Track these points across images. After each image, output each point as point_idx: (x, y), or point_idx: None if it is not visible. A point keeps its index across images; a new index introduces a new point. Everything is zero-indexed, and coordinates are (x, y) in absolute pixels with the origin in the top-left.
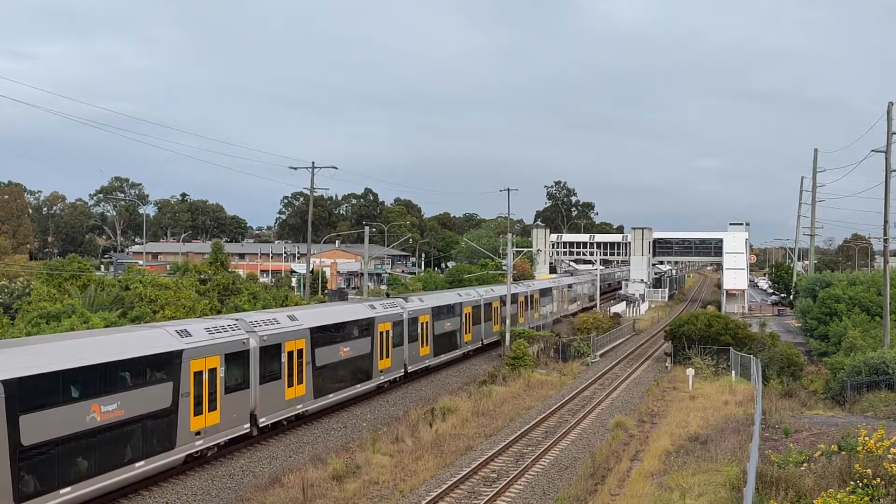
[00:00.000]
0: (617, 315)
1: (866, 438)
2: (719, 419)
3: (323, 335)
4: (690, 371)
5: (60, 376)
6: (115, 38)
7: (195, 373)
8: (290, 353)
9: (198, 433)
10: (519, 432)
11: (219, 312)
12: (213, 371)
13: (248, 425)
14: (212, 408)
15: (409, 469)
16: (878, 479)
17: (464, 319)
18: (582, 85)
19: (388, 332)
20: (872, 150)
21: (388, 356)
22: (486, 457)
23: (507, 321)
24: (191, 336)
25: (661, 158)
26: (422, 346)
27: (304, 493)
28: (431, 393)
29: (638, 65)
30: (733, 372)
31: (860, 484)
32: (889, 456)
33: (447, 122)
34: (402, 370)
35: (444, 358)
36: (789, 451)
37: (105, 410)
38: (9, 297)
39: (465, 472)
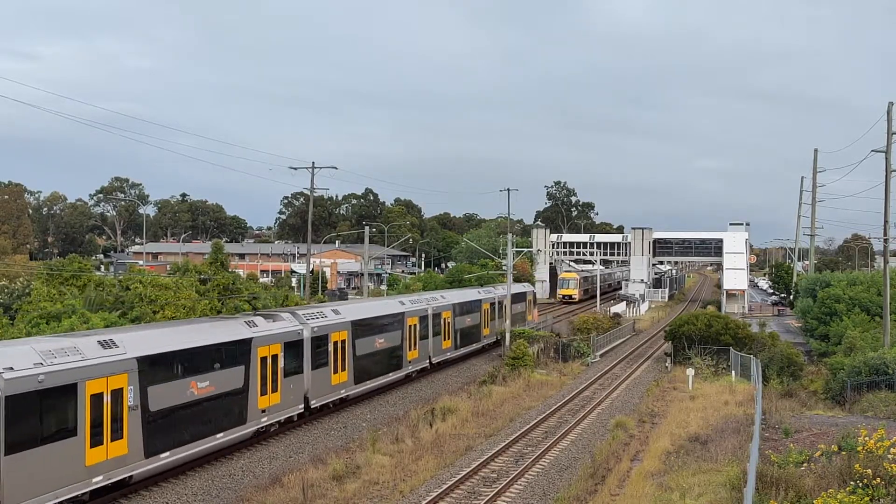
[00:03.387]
0: (617, 315)
1: (866, 438)
2: (719, 419)
3: (362, 328)
4: (690, 371)
5: (172, 356)
6: (116, 38)
7: (261, 358)
8: (336, 343)
9: (263, 411)
10: (519, 432)
11: (219, 313)
12: (275, 357)
13: (303, 406)
14: (274, 389)
15: (409, 469)
16: (879, 479)
17: (482, 315)
18: (583, 85)
19: (415, 325)
20: (872, 150)
21: (415, 348)
22: (486, 457)
23: (508, 321)
24: (257, 326)
25: (662, 158)
26: (444, 340)
27: (304, 494)
28: (431, 393)
29: (639, 64)
30: (733, 372)
31: (860, 484)
32: (889, 456)
33: (447, 122)
34: (427, 361)
35: (463, 351)
36: (789, 452)
37: (200, 386)
38: (9, 298)
39: (465, 473)
